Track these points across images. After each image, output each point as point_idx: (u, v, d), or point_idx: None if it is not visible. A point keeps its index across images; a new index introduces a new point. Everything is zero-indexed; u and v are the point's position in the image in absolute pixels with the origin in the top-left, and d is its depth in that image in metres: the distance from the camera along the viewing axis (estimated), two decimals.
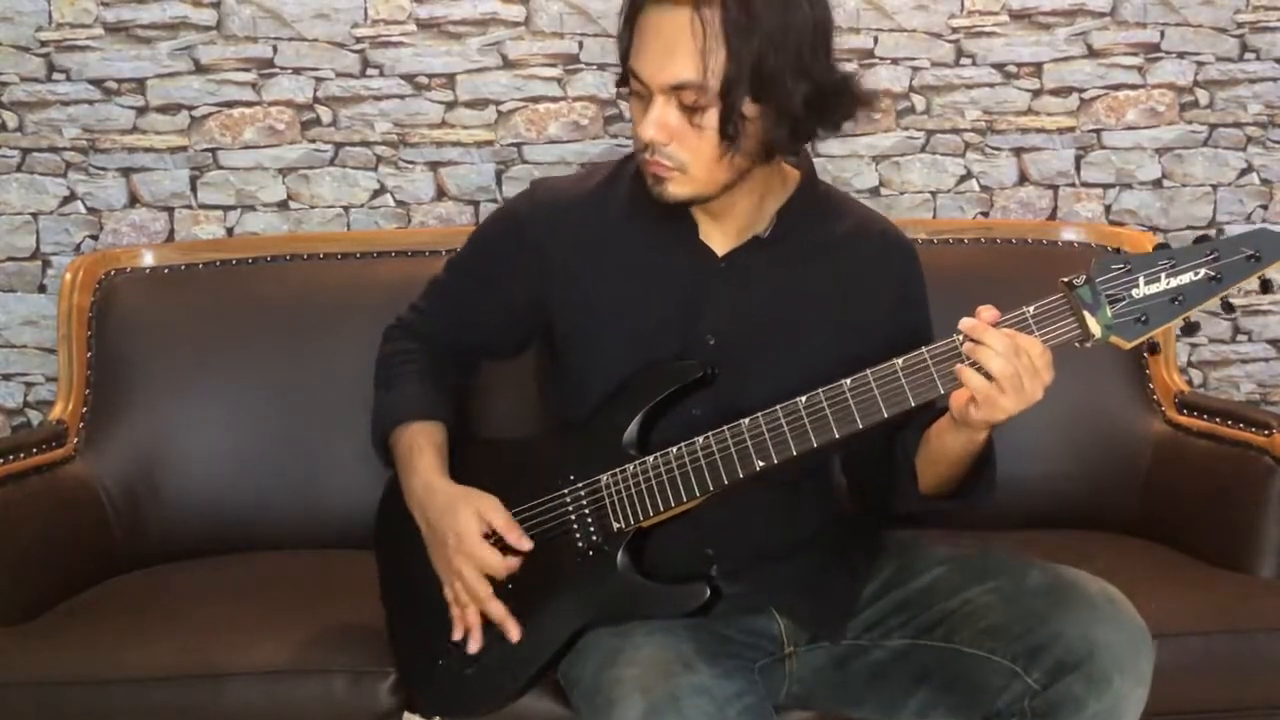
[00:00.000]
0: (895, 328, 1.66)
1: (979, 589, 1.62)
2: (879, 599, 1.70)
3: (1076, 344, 1.45)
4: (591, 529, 1.63)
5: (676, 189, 1.58)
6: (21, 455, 2.11)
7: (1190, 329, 1.45)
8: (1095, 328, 1.43)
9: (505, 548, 1.65)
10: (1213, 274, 1.40)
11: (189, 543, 2.22)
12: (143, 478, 2.24)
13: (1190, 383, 2.62)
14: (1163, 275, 1.42)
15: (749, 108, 1.53)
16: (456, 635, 1.67)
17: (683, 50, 1.50)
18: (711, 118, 1.53)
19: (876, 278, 1.71)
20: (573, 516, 1.64)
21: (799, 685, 1.71)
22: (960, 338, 1.47)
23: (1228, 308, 1.45)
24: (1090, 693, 1.50)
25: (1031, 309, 1.46)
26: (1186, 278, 1.41)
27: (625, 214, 1.70)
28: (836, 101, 1.59)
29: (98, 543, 2.17)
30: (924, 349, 1.48)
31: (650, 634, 1.56)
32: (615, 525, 1.62)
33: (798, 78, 1.53)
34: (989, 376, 1.43)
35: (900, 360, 1.48)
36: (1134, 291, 1.42)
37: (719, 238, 1.68)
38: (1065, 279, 1.45)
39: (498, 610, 1.64)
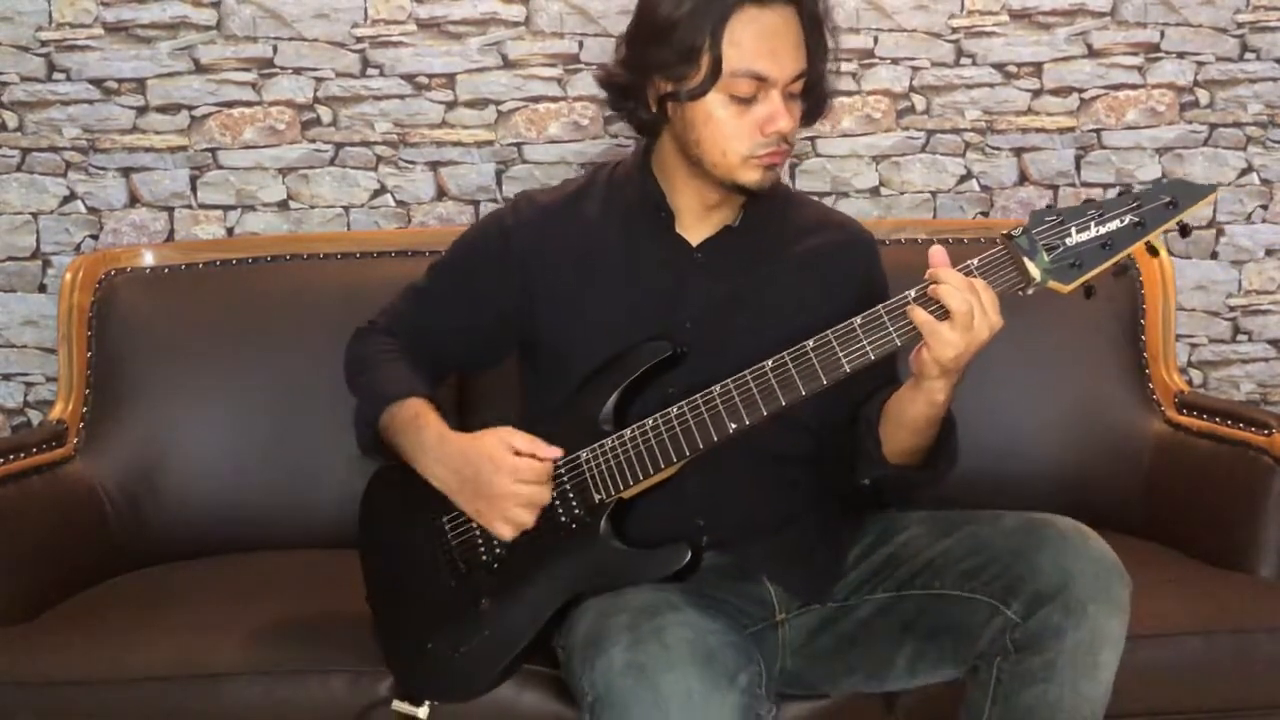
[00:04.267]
0: (861, 311, 1.71)
1: (956, 536, 1.67)
2: (863, 560, 1.75)
3: (1019, 291, 1.54)
4: (574, 504, 1.68)
5: (780, 170, 1.72)
6: (21, 455, 2.12)
7: (1121, 271, 1.54)
8: (1035, 272, 1.52)
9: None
10: (1137, 220, 1.51)
11: (189, 543, 2.22)
12: (143, 478, 2.24)
13: (1190, 383, 2.62)
14: (1092, 224, 1.51)
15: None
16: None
17: (799, 41, 1.66)
18: (799, 99, 1.69)
19: (842, 267, 1.81)
20: (555, 494, 1.68)
21: (792, 658, 1.74)
22: (912, 293, 1.54)
23: (1152, 251, 1.55)
24: (1068, 621, 1.55)
25: (975, 261, 1.55)
26: (1114, 224, 1.51)
27: (603, 215, 1.79)
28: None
29: (98, 543, 2.18)
30: (880, 306, 1.56)
31: (641, 589, 1.61)
32: (596, 497, 1.67)
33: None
34: (944, 315, 1.51)
35: (858, 318, 1.56)
36: (1067, 240, 1.51)
37: (694, 229, 1.76)
38: (1004, 232, 1.54)
39: (545, 496, 1.67)
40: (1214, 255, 2.72)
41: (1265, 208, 2.72)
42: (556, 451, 1.67)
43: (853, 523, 1.80)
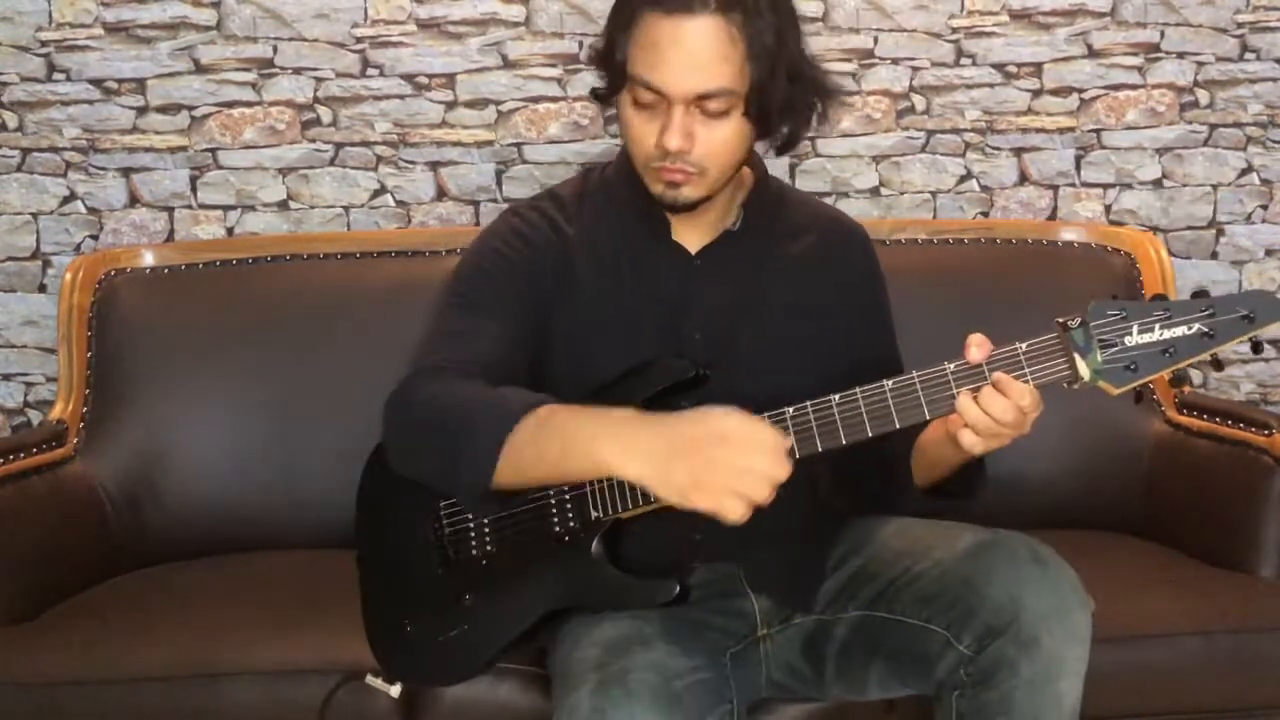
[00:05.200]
0: (862, 310, 1.72)
1: (918, 556, 1.62)
2: (837, 570, 1.71)
3: (1065, 384, 1.45)
4: (570, 515, 1.64)
5: (691, 191, 1.61)
6: (21, 455, 2.11)
7: (1178, 381, 1.45)
8: (1084, 371, 1.43)
9: None
10: (1206, 330, 1.40)
11: (189, 543, 2.22)
12: (143, 478, 2.24)
13: (1190, 383, 2.61)
14: (1157, 326, 1.41)
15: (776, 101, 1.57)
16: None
17: (712, 59, 1.52)
18: (732, 120, 1.55)
19: (837, 262, 1.77)
20: (553, 502, 1.64)
21: (778, 671, 1.72)
22: (952, 367, 1.47)
23: (1217, 365, 1.45)
24: (1021, 655, 1.49)
25: (1024, 346, 1.46)
26: (1180, 331, 1.41)
27: (600, 223, 1.73)
28: (822, 93, 1.63)
29: (98, 543, 2.17)
30: (914, 374, 1.48)
31: (619, 617, 1.58)
32: (594, 514, 1.62)
33: (799, 72, 1.58)
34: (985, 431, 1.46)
35: (889, 382, 1.48)
36: (1126, 339, 1.42)
37: (691, 235, 1.71)
38: (1060, 319, 1.45)
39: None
40: (1214, 255, 2.72)
41: (1265, 208, 2.72)
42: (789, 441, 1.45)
43: (831, 527, 1.77)
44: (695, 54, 1.51)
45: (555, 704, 1.54)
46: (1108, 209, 2.69)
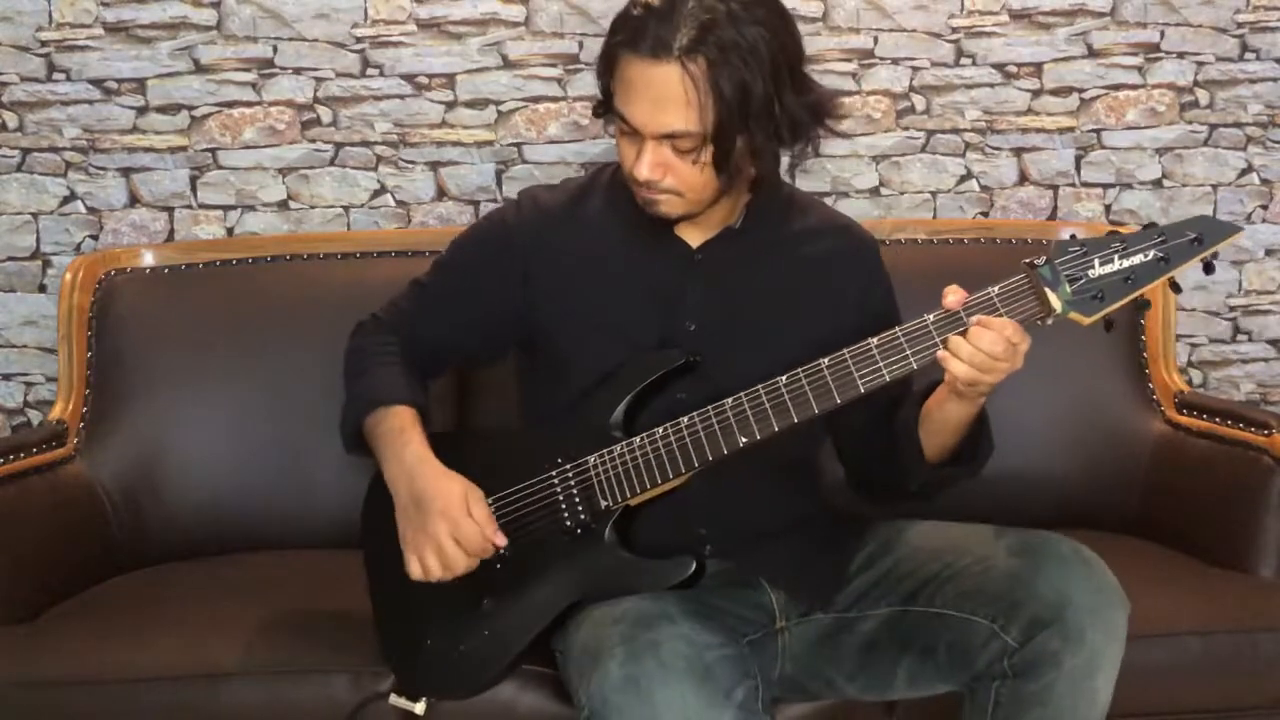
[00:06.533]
0: (864, 317, 1.74)
1: (958, 554, 1.67)
2: (865, 570, 1.74)
3: (1039, 320, 1.55)
4: (580, 509, 1.68)
5: (669, 209, 1.68)
6: (21, 455, 2.11)
7: (1142, 306, 1.57)
8: (1056, 303, 1.53)
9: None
10: (1161, 255, 1.53)
11: (189, 543, 2.22)
12: (143, 478, 2.24)
13: (1190, 383, 2.62)
14: (1115, 257, 1.53)
15: (739, 143, 1.62)
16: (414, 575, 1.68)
17: (675, 103, 1.58)
18: (704, 154, 1.61)
19: (844, 270, 1.80)
20: (561, 498, 1.68)
21: (792, 664, 1.74)
22: (930, 318, 1.56)
23: (1175, 288, 1.57)
24: (1065, 648, 1.55)
25: (996, 289, 1.55)
26: (1137, 259, 1.53)
27: (603, 215, 1.78)
28: (816, 119, 1.68)
29: (98, 543, 2.18)
30: (897, 329, 1.57)
31: (640, 599, 1.61)
32: (603, 504, 1.67)
33: (780, 106, 1.61)
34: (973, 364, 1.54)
35: (875, 339, 1.58)
36: (1090, 271, 1.53)
37: (693, 231, 1.76)
38: (1027, 260, 1.54)
39: (461, 564, 1.66)
40: (1214, 255, 2.71)
41: (1265, 208, 2.72)
42: (502, 540, 1.66)
43: (855, 529, 1.80)
44: (660, 98, 1.58)
45: (579, 681, 1.55)
46: (1108, 209, 2.69)
